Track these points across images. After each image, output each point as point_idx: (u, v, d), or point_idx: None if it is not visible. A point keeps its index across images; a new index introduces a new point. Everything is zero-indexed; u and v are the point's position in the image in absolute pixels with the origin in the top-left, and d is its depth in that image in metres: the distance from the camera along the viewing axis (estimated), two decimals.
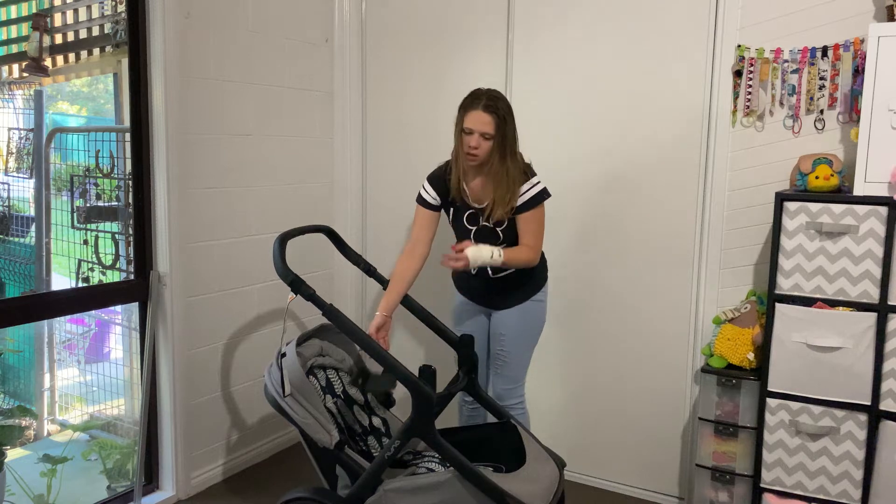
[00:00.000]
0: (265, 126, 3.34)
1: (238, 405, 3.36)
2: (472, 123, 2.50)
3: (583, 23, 3.11)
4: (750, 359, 2.73)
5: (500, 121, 2.50)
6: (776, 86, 2.77)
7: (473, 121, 2.50)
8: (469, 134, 2.52)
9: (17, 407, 3.35)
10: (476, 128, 2.50)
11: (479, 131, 2.50)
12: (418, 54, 3.52)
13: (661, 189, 3.01)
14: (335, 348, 2.68)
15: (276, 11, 3.34)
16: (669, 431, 3.10)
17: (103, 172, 3.24)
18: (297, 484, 3.20)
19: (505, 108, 2.53)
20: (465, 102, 2.56)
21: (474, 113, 2.50)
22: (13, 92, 3.22)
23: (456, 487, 2.26)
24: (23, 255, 3.31)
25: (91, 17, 3.13)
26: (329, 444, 2.30)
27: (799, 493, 2.59)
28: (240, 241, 3.26)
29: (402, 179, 3.64)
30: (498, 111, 2.50)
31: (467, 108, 2.53)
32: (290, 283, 2.29)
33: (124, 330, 3.41)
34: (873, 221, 2.39)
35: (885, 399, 2.44)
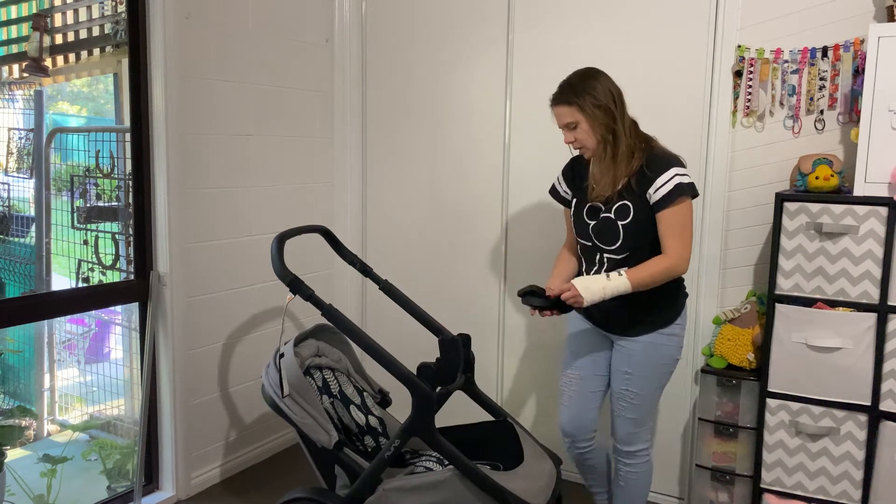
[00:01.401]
0: (265, 126, 3.34)
1: (238, 405, 3.36)
2: (556, 120, 2.35)
3: (583, 24, 3.11)
4: (750, 359, 2.73)
5: (577, 107, 2.26)
6: (776, 86, 2.77)
7: (555, 117, 2.35)
8: (563, 130, 2.36)
9: (17, 407, 3.35)
10: (558, 123, 2.35)
11: (561, 125, 2.34)
12: (418, 54, 3.53)
13: None
14: (331, 348, 2.68)
15: (276, 12, 3.34)
16: (669, 431, 3.10)
17: (103, 172, 3.25)
18: (296, 484, 3.20)
19: (580, 92, 2.26)
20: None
21: (553, 109, 2.34)
22: (13, 92, 3.23)
23: (456, 486, 2.26)
24: (23, 256, 3.32)
25: (91, 18, 3.13)
26: (328, 444, 2.30)
27: (799, 493, 2.59)
28: (240, 241, 3.27)
29: (402, 179, 3.64)
30: (571, 99, 2.27)
31: (551, 105, 2.36)
32: (288, 284, 2.29)
33: (124, 330, 3.41)
34: (873, 222, 2.39)
35: (885, 399, 2.44)
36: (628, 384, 2.39)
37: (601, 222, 2.34)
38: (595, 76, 2.31)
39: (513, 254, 3.36)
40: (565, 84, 2.32)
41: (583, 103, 2.25)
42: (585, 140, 2.30)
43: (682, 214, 2.23)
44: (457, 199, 3.50)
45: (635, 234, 2.28)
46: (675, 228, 2.23)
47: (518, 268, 3.35)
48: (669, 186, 2.22)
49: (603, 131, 2.27)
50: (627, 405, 2.41)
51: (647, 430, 2.46)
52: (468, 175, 3.45)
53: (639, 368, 2.36)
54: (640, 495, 2.52)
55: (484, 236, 3.44)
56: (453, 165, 3.48)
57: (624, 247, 2.30)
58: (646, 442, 2.46)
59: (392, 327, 3.64)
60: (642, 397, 2.39)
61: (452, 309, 3.50)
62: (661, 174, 2.23)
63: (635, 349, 2.36)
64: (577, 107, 2.26)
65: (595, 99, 2.26)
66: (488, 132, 3.36)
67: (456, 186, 3.49)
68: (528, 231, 3.32)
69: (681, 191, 2.22)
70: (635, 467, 2.48)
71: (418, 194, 3.61)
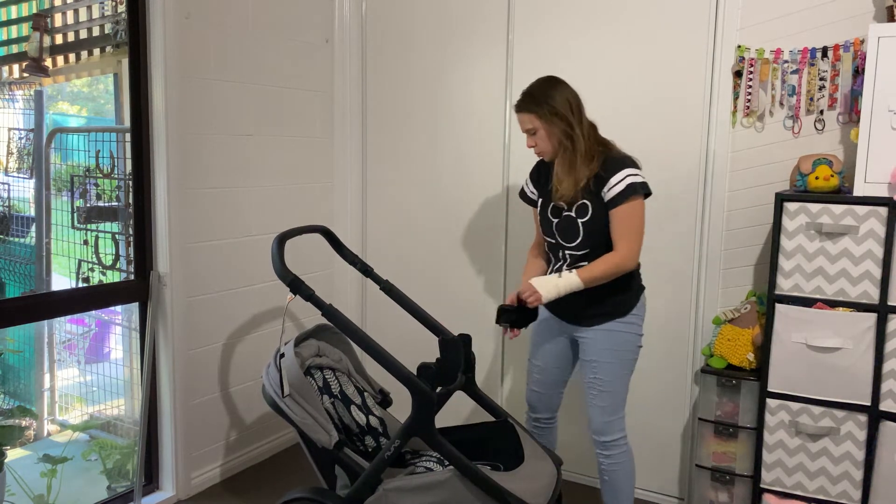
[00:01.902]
0: (265, 126, 3.34)
1: (238, 405, 3.36)
2: (520, 125, 2.50)
3: (583, 24, 3.11)
4: (750, 359, 2.73)
5: (536, 115, 2.41)
6: (776, 86, 2.77)
7: (519, 122, 2.49)
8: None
9: (18, 407, 3.35)
10: (521, 128, 2.49)
11: (523, 130, 2.48)
12: (418, 54, 3.53)
13: (661, 189, 3.00)
14: (332, 348, 2.68)
15: (276, 12, 3.34)
16: (669, 432, 3.10)
17: (103, 172, 3.25)
18: (296, 484, 3.20)
19: (538, 101, 2.40)
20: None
21: (517, 115, 2.48)
22: (13, 92, 3.23)
23: (456, 486, 2.26)
24: (23, 256, 3.32)
25: (91, 18, 3.13)
26: (328, 444, 2.30)
27: (799, 493, 2.59)
28: (240, 241, 3.27)
29: (402, 179, 3.64)
30: (530, 107, 2.41)
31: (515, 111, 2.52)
32: (288, 284, 2.29)
33: (124, 330, 3.41)
34: (873, 222, 2.39)
35: (885, 400, 2.44)
36: (595, 373, 2.50)
37: (563, 220, 2.48)
38: (554, 85, 2.44)
39: (513, 253, 3.36)
40: (526, 93, 2.45)
41: (541, 111, 2.39)
42: (544, 145, 2.45)
43: (632, 213, 2.36)
44: (457, 198, 3.50)
45: (594, 232, 2.42)
46: (624, 226, 2.36)
47: (518, 268, 3.35)
48: (621, 186, 2.34)
49: (560, 137, 2.40)
50: (597, 393, 2.51)
51: (621, 420, 2.53)
52: (468, 175, 3.45)
53: (601, 356, 2.48)
54: (625, 486, 2.56)
55: (484, 236, 3.44)
56: (453, 165, 3.49)
57: (583, 244, 2.45)
58: (621, 431, 2.53)
59: (392, 327, 3.65)
60: (610, 384, 2.49)
61: (453, 309, 3.50)
62: (614, 174, 2.36)
63: (596, 338, 2.49)
64: (535, 114, 2.40)
65: (552, 107, 2.39)
66: (488, 132, 3.36)
67: (456, 186, 3.49)
68: (528, 231, 3.31)
69: (632, 190, 2.34)
70: (615, 458, 2.53)
71: (418, 194, 3.61)
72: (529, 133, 2.46)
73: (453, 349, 2.54)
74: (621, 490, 2.55)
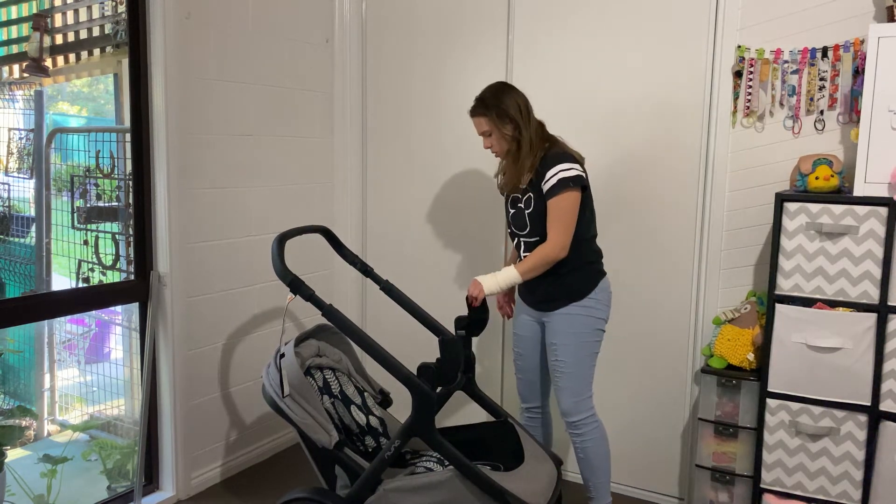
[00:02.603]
0: (265, 126, 3.34)
1: (238, 405, 3.36)
2: (476, 128, 2.67)
3: (583, 23, 3.11)
4: (750, 359, 2.73)
5: (487, 118, 2.60)
6: (776, 86, 2.77)
7: (474, 126, 2.68)
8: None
9: (18, 407, 3.35)
10: (478, 130, 2.66)
11: (480, 133, 2.66)
12: (418, 54, 3.53)
13: (661, 189, 3.01)
14: (332, 348, 2.68)
15: (277, 12, 3.34)
16: (669, 432, 3.10)
17: (103, 173, 3.25)
18: (296, 484, 3.20)
19: (490, 106, 2.59)
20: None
21: (472, 119, 2.67)
22: (13, 92, 3.22)
23: (456, 486, 2.26)
24: (23, 256, 3.32)
25: (91, 18, 3.13)
26: (328, 444, 2.30)
27: (799, 493, 2.59)
28: (240, 241, 3.27)
29: (402, 179, 3.64)
30: (483, 112, 2.60)
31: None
32: (289, 284, 2.29)
33: (124, 330, 3.41)
34: (873, 222, 2.39)
35: (885, 400, 2.44)
36: (556, 355, 2.63)
37: (516, 212, 2.66)
38: (504, 91, 2.63)
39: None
40: (478, 99, 2.64)
41: (491, 115, 2.58)
42: (497, 145, 2.64)
43: (562, 205, 2.51)
44: (457, 198, 3.50)
45: (538, 222, 2.58)
46: (554, 217, 2.52)
47: None
48: (554, 180, 2.51)
49: (510, 138, 2.60)
50: (561, 374, 2.63)
51: (588, 399, 2.66)
52: (468, 175, 3.45)
53: (562, 338, 2.62)
54: (600, 463, 2.67)
55: (484, 236, 3.44)
56: (453, 165, 3.49)
57: (532, 232, 2.61)
58: (588, 410, 2.65)
59: (392, 327, 3.64)
60: (572, 365, 2.61)
61: (452, 309, 3.49)
62: (549, 170, 2.52)
63: (556, 321, 2.63)
64: (487, 118, 2.60)
65: (502, 111, 2.57)
66: None
67: (456, 186, 3.49)
68: None
69: (563, 184, 2.50)
70: (586, 436, 2.64)
71: (418, 194, 3.61)
72: (485, 135, 2.64)
73: (453, 349, 2.53)
74: (598, 466, 2.68)
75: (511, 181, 2.64)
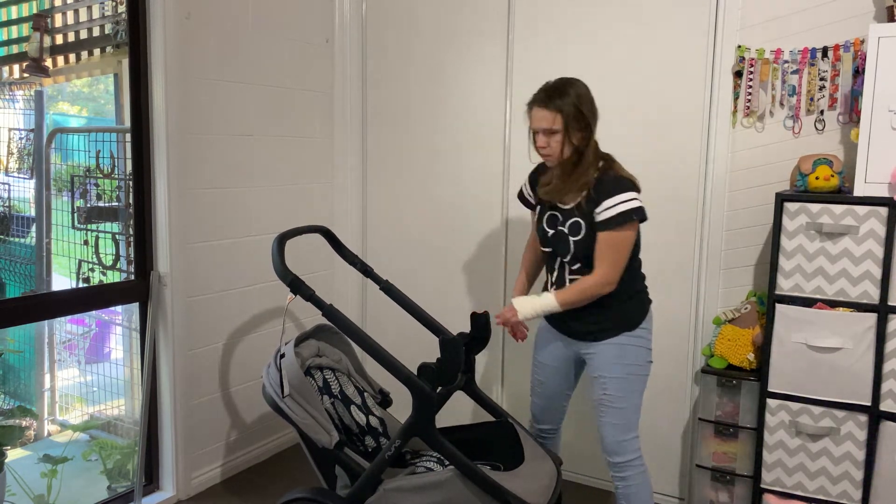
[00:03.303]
0: (265, 126, 3.34)
1: (238, 405, 3.36)
2: (534, 122, 2.32)
3: (583, 24, 3.11)
4: (750, 359, 2.73)
5: (561, 114, 2.25)
6: (776, 86, 2.77)
7: (535, 119, 2.32)
8: (536, 133, 2.33)
9: (18, 407, 3.35)
10: (537, 126, 2.31)
11: (541, 129, 2.30)
12: (418, 54, 3.53)
13: (661, 189, 3.00)
14: (332, 349, 2.68)
15: (277, 12, 3.34)
16: (669, 432, 3.10)
17: (104, 173, 3.25)
18: (296, 484, 3.20)
19: (569, 102, 2.25)
20: (530, 99, 2.36)
21: (535, 110, 2.31)
22: (14, 92, 3.23)
23: (457, 486, 2.26)
24: (23, 256, 3.32)
25: (91, 18, 3.13)
26: (329, 444, 2.30)
27: (799, 493, 2.59)
28: (240, 241, 3.27)
29: (402, 179, 3.64)
30: (556, 105, 2.25)
31: (530, 105, 2.33)
32: (289, 284, 2.29)
33: (124, 330, 3.41)
34: (873, 222, 2.39)
35: (886, 400, 2.44)
36: (605, 389, 2.40)
37: (557, 234, 2.40)
38: (580, 86, 2.31)
39: (512, 253, 3.36)
40: (552, 88, 2.29)
41: (567, 114, 2.25)
42: (556, 149, 2.30)
43: (618, 240, 2.27)
44: (457, 198, 3.50)
45: (585, 249, 2.33)
46: (607, 252, 2.28)
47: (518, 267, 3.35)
48: (612, 212, 2.25)
49: (578, 143, 2.29)
50: (608, 409, 2.40)
51: (635, 440, 2.42)
52: (468, 175, 3.45)
53: (611, 370, 2.38)
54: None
55: (484, 236, 3.44)
56: (453, 165, 3.49)
57: (575, 258, 2.37)
58: (636, 451, 2.42)
59: (392, 327, 3.65)
60: (620, 399, 2.38)
61: (453, 309, 3.50)
62: (608, 198, 2.26)
63: (604, 352, 2.39)
64: (561, 116, 2.25)
65: (581, 114, 2.27)
66: (488, 132, 3.36)
67: (456, 186, 3.49)
68: (528, 231, 3.31)
69: (623, 218, 2.25)
70: (630, 480, 2.41)
71: (418, 194, 3.61)
72: (546, 133, 2.29)
73: (453, 349, 2.53)
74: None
75: (557, 195, 2.36)
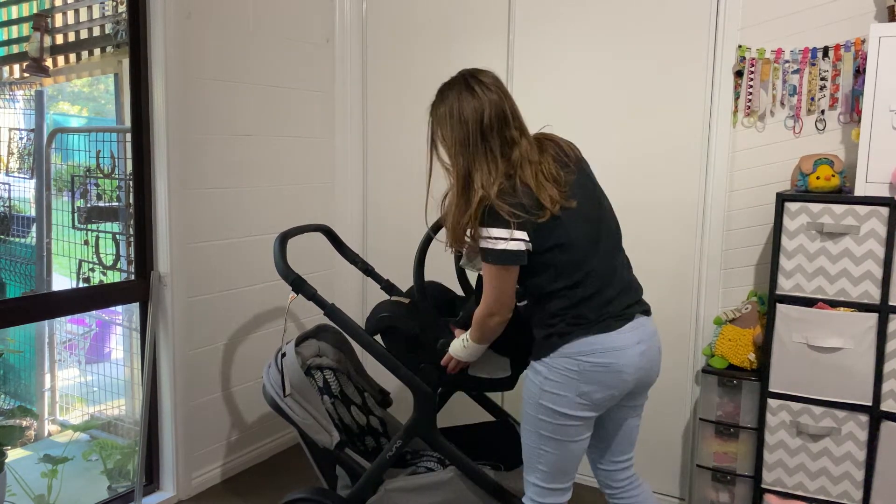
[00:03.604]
0: (265, 126, 3.34)
1: (238, 405, 3.36)
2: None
3: (583, 23, 3.10)
4: (751, 359, 2.73)
5: (430, 129, 2.13)
6: (777, 86, 2.77)
7: None
8: None
9: (18, 407, 3.35)
10: None
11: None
12: (419, 54, 3.52)
13: (662, 189, 3.00)
14: (332, 349, 2.68)
15: (277, 11, 3.34)
16: (670, 432, 3.10)
17: (104, 173, 3.25)
18: (297, 484, 3.20)
19: (437, 115, 2.07)
20: None
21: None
22: (14, 92, 3.23)
23: (458, 486, 2.26)
24: (23, 256, 3.32)
25: (92, 18, 3.13)
26: (329, 444, 2.30)
27: (800, 493, 2.58)
28: (240, 241, 3.26)
29: (402, 179, 3.63)
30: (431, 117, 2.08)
31: None
32: (291, 283, 2.28)
33: (125, 330, 3.41)
34: (874, 222, 2.39)
35: (887, 400, 2.44)
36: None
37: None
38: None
39: None
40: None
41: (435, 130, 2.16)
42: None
43: (488, 270, 1.97)
44: None
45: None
46: (485, 278, 2.00)
47: None
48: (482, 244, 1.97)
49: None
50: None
51: (529, 486, 2.07)
52: None
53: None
54: None
55: None
56: None
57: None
58: (528, 499, 2.08)
59: None
60: (524, 433, 2.06)
61: None
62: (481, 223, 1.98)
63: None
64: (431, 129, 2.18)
65: (443, 131, 2.13)
66: None
67: None
68: None
69: (485, 255, 1.96)
70: None
71: (419, 194, 3.59)
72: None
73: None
74: None
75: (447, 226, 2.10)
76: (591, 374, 1.93)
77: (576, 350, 1.93)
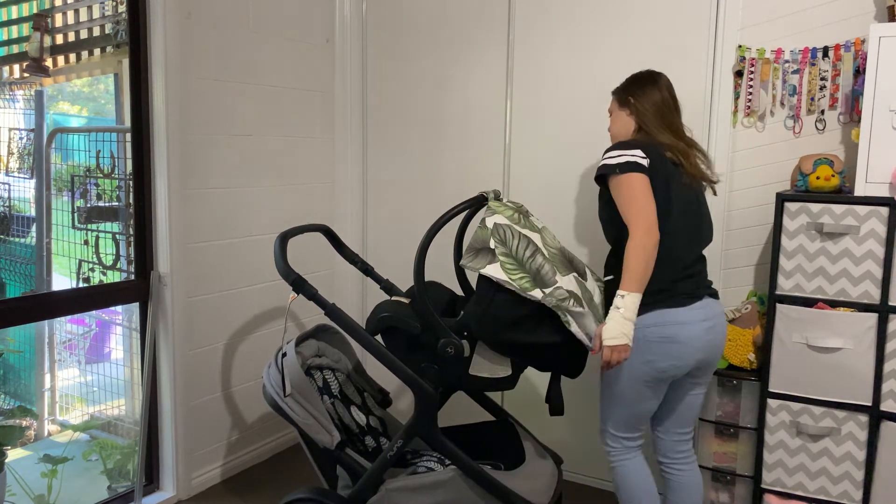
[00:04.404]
0: (266, 126, 3.34)
1: (238, 405, 3.36)
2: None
3: (583, 22, 3.11)
4: (751, 359, 2.73)
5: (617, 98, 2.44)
6: (777, 86, 2.77)
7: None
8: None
9: (18, 407, 3.35)
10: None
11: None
12: (419, 54, 3.53)
13: None
14: (332, 349, 2.68)
15: (277, 11, 3.34)
16: None
17: (104, 173, 3.25)
18: (297, 484, 3.20)
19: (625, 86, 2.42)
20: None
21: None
22: (14, 92, 3.22)
23: (459, 486, 2.26)
24: (23, 256, 3.31)
25: (92, 18, 3.13)
26: (330, 444, 2.30)
27: (800, 493, 2.59)
28: (240, 241, 3.27)
29: (402, 179, 3.64)
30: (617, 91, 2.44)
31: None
32: (291, 283, 2.28)
33: (125, 330, 3.41)
34: (874, 222, 2.39)
35: (886, 400, 2.44)
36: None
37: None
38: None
39: None
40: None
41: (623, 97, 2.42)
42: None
43: (619, 191, 2.17)
44: (457, 198, 3.49)
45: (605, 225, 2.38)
46: (621, 205, 2.18)
47: None
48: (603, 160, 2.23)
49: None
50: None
51: (604, 432, 2.39)
52: (468, 175, 3.44)
53: None
54: (622, 493, 2.42)
55: None
56: (453, 165, 3.48)
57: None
58: (606, 444, 2.40)
59: None
60: (602, 385, 2.36)
61: None
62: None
63: None
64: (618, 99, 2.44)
65: (631, 96, 2.40)
66: (488, 132, 3.36)
67: (456, 186, 3.48)
68: None
69: (606, 168, 2.19)
70: (613, 471, 2.42)
71: (419, 194, 3.61)
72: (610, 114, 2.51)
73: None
74: (620, 497, 2.44)
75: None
76: (658, 345, 2.17)
77: (651, 321, 2.16)
